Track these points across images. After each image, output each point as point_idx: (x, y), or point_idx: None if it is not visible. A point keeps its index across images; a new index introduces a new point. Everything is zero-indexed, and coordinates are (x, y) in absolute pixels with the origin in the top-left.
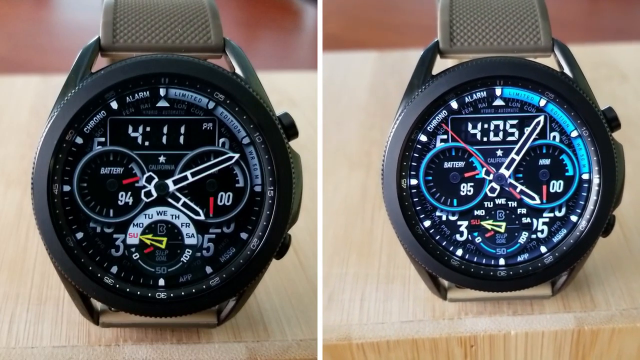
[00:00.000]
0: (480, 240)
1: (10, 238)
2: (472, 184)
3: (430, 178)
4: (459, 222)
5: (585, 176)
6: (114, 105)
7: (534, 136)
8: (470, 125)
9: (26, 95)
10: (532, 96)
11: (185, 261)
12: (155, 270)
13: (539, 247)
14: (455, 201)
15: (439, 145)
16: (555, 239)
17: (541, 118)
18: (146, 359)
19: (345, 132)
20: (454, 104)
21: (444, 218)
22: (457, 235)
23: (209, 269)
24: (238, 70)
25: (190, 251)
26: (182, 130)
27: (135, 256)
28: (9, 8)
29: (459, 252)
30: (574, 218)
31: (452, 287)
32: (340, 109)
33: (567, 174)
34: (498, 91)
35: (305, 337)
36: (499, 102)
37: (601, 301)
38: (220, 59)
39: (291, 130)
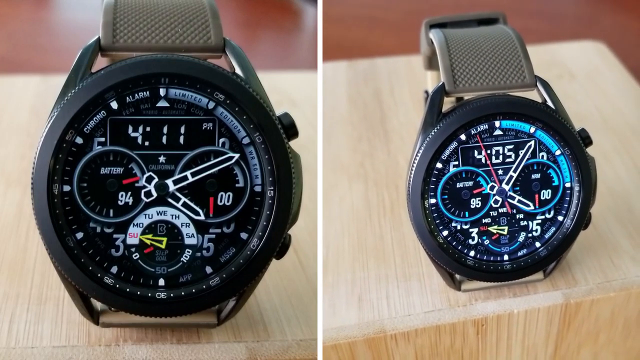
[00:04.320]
0: (488, 242)
1: (10, 238)
2: (479, 198)
3: (446, 197)
4: (470, 230)
5: (567, 185)
6: (114, 105)
7: (527, 157)
8: (475, 152)
9: (26, 95)
10: (524, 125)
11: (185, 261)
12: (155, 270)
13: (534, 243)
14: (467, 213)
15: (452, 169)
16: (547, 236)
17: (532, 142)
18: (146, 359)
19: (335, 145)
20: (463, 137)
21: (458, 227)
22: (470, 240)
23: (209, 269)
24: (238, 70)
25: (190, 251)
26: (182, 130)
27: (135, 256)
28: (9, 8)
29: (472, 253)
30: (560, 218)
31: (464, 280)
32: (327, 120)
33: (553, 184)
34: (497, 124)
35: (305, 337)
36: (498, 132)
37: (581, 278)
38: (220, 59)
39: (291, 130)
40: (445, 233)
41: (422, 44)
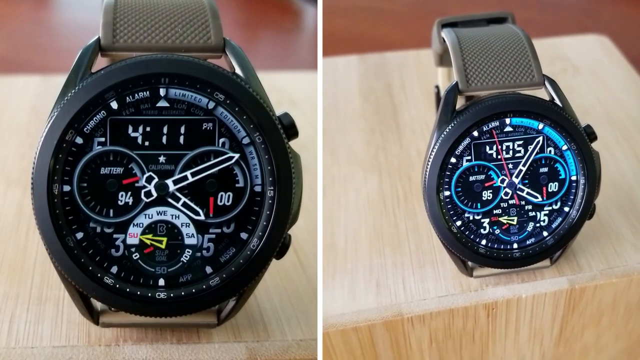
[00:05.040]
0: (499, 231)
1: (10, 238)
2: (491, 191)
3: (460, 189)
4: (482, 220)
5: (573, 178)
6: (114, 105)
7: (535, 151)
8: (487, 147)
9: (26, 95)
10: (533, 122)
11: (185, 261)
12: (155, 270)
13: (542, 232)
14: (479, 205)
15: (465, 164)
16: (554, 226)
17: (540, 138)
18: (146, 359)
19: (349, 138)
20: (475, 133)
21: (471, 218)
22: (482, 230)
23: (209, 269)
24: (238, 70)
25: (190, 251)
26: (182, 130)
27: (135, 256)
28: (9, 8)
29: (484, 242)
30: (566, 209)
31: (476, 267)
32: (341, 115)
33: (560, 177)
34: (508, 121)
35: (305, 337)
36: (508, 129)
37: (585, 265)
38: (220, 59)
39: (291, 130)
40: (458, 223)
41: (434, 42)
